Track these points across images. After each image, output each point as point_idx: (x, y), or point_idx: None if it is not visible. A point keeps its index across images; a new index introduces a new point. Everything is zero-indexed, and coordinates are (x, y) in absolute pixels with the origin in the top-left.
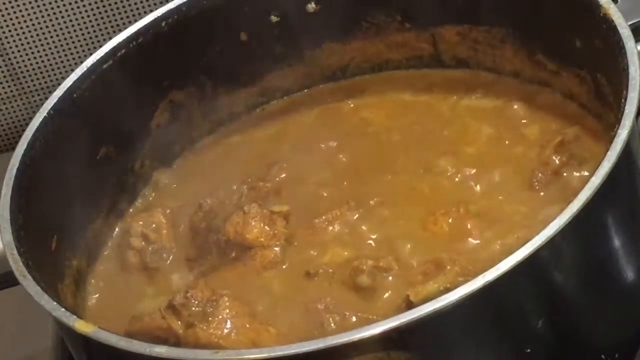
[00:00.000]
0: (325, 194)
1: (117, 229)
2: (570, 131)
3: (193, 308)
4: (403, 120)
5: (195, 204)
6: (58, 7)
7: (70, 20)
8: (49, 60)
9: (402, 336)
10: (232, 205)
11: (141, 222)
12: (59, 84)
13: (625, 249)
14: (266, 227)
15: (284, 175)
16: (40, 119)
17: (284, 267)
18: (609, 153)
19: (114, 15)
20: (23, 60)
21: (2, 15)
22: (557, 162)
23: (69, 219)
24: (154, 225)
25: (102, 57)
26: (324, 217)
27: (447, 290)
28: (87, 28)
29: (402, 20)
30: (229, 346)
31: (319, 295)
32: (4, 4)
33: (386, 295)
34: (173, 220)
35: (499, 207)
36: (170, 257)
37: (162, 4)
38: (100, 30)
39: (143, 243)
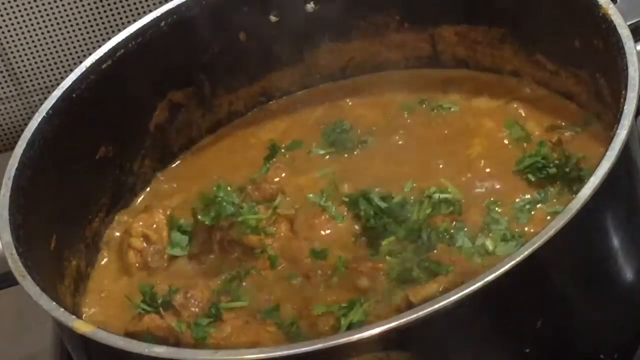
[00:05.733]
0: (324, 194)
1: (117, 229)
2: (568, 131)
3: (192, 308)
4: (402, 120)
5: (195, 204)
6: (57, 7)
7: (70, 20)
8: (48, 60)
9: (401, 336)
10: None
11: (141, 223)
12: (58, 84)
13: (624, 248)
14: (271, 229)
15: (283, 174)
16: (39, 119)
17: (285, 268)
18: (608, 153)
19: (113, 15)
20: (22, 61)
21: (2, 16)
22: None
23: (69, 219)
24: (154, 226)
25: (101, 57)
26: (323, 217)
27: (447, 290)
28: (86, 28)
29: (401, 20)
30: (228, 346)
31: (318, 296)
32: (3, 4)
33: (385, 295)
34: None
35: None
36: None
37: (161, 4)
38: (100, 30)
39: (144, 244)
